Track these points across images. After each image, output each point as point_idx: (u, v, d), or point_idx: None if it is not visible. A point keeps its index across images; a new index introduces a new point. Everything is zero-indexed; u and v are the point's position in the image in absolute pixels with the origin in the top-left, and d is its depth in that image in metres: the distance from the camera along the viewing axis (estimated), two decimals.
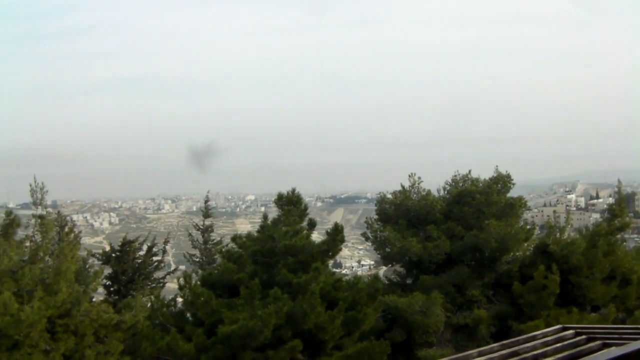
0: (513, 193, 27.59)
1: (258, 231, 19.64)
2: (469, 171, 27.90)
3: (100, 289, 23.02)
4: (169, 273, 29.32)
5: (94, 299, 19.05)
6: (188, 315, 18.21)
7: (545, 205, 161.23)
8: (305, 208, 20.87)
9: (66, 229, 19.71)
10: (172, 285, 24.13)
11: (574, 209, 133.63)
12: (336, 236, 19.03)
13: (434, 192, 27.93)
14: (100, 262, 24.97)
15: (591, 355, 8.16)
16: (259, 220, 20.76)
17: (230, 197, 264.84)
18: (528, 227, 26.61)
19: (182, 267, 33.80)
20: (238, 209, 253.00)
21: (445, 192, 28.05)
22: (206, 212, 32.18)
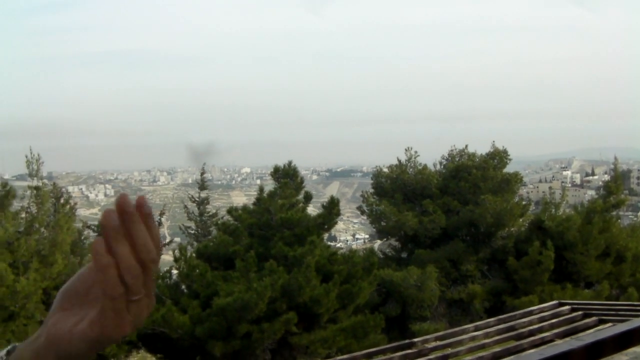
0: (509, 168, 27.58)
1: (254, 204, 19.61)
2: (466, 146, 27.87)
3: None
4: (164, 245, 29.24)
5: None
6: (183, 287, 18.20)
7: (540, 181, 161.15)
8: (302, 181, 20.84)
9: (62, 201, 19.65)
10: (167, 257, 24.14)
11: (570, 185, 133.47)
12: (332, 209, 19.01)
13: (431, 167, 27.88)
14: (96, 234, 24.95)
15: (591, 331, 8.16)
16: (255, 193, 20.73)
17: (226, 169, 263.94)
18: (523, 202, 26.64)
19: (178, 239, 33.89)
20: (234, 182, 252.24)
21: (442, 167, 28.02)
22: (202, 185, 32.17)
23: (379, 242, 36.68)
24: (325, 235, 21.18)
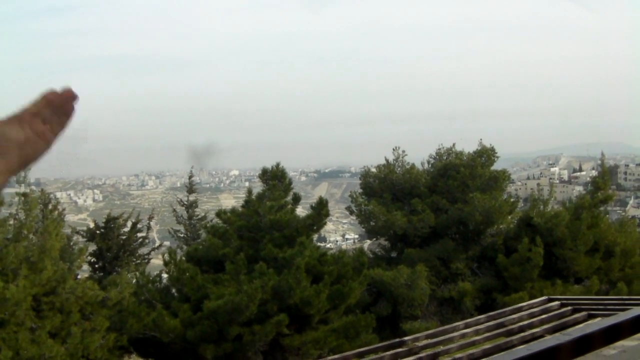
0: (497, 166, 27.62)
1: (243, 206, 19.60)
2: (453, 144, 27.84)
3: (85, 266, 22.99)
4: (153, 249, 29.32)
5: (79, 276, 19.02)
6: (174, 291, 18.17)
7: (528, 178, 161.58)
8: (290, 182, 20.84)
9: (50, 207, 19.62)
10: (157, 261, 24.14)
11: (558, 181, 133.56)
12: (321, 210, 19.02)
13: (419, 166, 27.90)
14: (84, 239, 24.93)
15: (580, 326, 8.20)
16: (244, 196, 20.72)
17: (214, 172, 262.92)
18: (512, 200, 26.66)
19: (167, 243, 33.86)
20: (222, 184, 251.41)
21: (430, 166, 28.03)
22: (190, 188, 32.19)
23: (368, 242, 36.76)
24: (315, 236, 21.19)
